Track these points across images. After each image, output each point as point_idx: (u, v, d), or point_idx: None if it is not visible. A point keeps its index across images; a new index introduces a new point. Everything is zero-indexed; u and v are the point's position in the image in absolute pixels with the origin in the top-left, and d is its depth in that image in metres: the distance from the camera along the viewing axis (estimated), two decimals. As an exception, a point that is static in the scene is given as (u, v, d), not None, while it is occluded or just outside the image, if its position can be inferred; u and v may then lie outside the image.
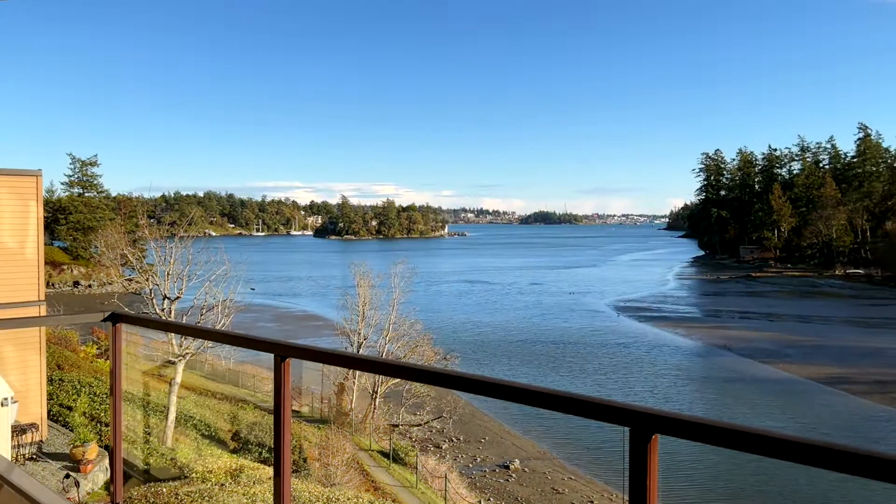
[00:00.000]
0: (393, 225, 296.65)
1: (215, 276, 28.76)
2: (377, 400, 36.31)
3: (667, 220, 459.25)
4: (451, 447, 36.13)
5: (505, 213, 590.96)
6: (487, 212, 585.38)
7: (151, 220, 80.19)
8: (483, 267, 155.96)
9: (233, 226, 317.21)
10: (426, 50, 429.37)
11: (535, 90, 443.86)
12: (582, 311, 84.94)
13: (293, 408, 28.27)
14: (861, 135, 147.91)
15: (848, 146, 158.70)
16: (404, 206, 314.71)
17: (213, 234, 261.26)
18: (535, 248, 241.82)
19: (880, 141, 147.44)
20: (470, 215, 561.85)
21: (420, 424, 37.00)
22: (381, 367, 5.44)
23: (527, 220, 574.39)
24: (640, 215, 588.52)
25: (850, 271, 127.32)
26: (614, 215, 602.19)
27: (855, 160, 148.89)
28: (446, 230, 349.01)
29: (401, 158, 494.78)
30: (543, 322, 75.83)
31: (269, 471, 18.66)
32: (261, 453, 25.25)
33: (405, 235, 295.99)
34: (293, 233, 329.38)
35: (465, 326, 72.49)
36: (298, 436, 28.16)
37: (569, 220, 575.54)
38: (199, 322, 26.94)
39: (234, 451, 25.60)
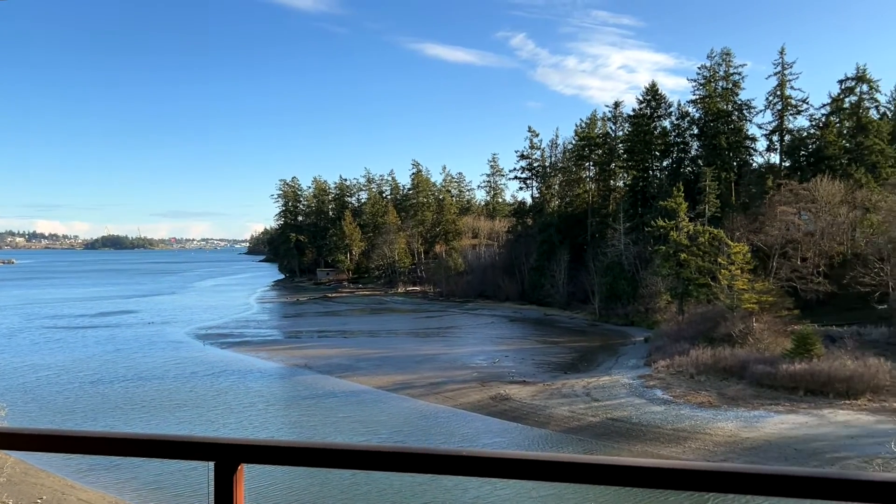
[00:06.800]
0: None
1: None
2: None
3: (248, 244, 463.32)
4: (-2, 517, 30.31)
5: (66, 236, 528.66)
6: (43, 236, 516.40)
7: None
8: (40, 299, 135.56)
9: None
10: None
11: (103, 105, 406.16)
12: (163, 342, 79.87)
13: None
14: (415, 170, 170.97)
15: (405, 179, 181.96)
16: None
17: None
18: (107, 276, 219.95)
19: (429, 176, 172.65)
20: (19, 239, 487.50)
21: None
22: None
23: (93, 245, 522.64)
24: (221, 240, 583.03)
25: (410, 289, 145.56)
26: (194, 240, 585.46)
27: (411, 192, 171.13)
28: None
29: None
30: (120, 358, 69.04)
31: None
32: None
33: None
34: None
35: (16, 371, 61.73)
36: None
37: (143, 244, 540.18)
38: None
39: None
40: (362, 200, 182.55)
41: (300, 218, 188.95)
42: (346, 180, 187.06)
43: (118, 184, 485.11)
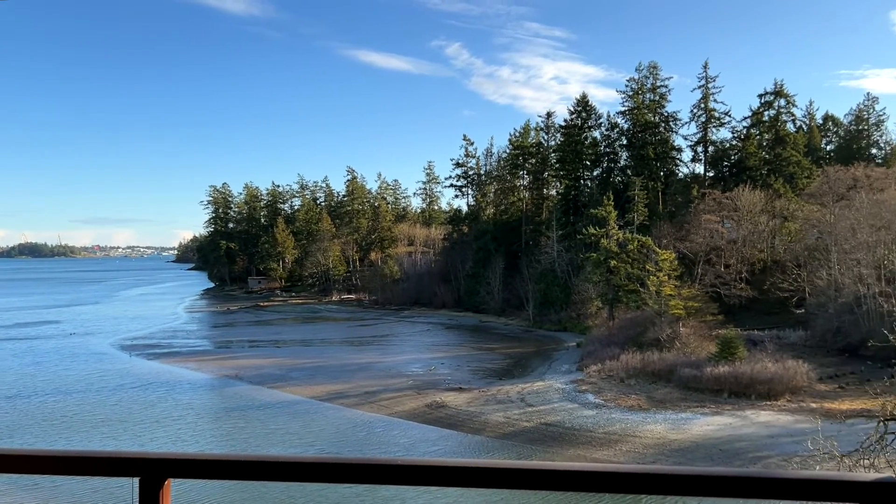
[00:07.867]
0: None
1: None
2: None
3: (176, 252, 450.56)
4: None
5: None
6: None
7: None
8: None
9: None
10: None
11: (17, 107, 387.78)
12: (87, 354, 76.67)
13: None
14: (350, 177, 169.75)
15: (340, 186, 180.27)
16: None
17: None
18: (24, 285, 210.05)
19: (364, 183, 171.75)
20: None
21: None
22: None
23: (9, 253, 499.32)
24: (148, 247, 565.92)
25: (345, 297, 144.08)
26: (118, 247, 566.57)
27: (345, 198, 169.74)
28: None
29: None
30: (39, 371, 65.88)
31: None
32: None
33: None
34: None
35: (-76, 387, 58.17)
36: None
37: (64, 252, 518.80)
38: None
39: None
40: (295, 207, 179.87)
41: (231, 225, 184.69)
42: (278, 187, 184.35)
43: (36, 189, 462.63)
